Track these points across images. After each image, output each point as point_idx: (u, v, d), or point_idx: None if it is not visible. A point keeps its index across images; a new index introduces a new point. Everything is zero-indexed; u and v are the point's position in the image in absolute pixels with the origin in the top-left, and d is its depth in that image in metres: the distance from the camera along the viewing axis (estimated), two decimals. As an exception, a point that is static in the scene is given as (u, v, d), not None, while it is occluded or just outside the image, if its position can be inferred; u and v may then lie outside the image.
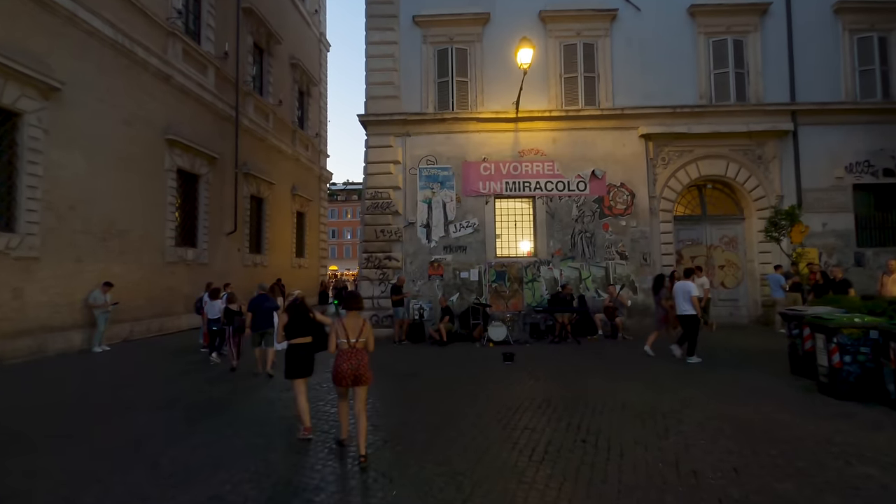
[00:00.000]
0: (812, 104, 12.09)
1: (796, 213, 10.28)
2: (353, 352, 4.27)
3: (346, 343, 4.28)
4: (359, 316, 4.50)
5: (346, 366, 4.23)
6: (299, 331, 4.93)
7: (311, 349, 4.96)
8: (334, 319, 4.63)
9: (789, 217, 10.21)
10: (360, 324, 4.41)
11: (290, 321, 4.96)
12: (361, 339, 4.34)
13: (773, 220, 10.55)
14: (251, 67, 18.64)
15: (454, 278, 11.83)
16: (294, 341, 4.93)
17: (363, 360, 4.29)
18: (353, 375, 4.23)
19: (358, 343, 4.31)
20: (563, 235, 11.97)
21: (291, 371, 4.91)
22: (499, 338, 10.32)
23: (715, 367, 7.60)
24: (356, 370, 4.23)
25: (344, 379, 4.24)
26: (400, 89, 12.23)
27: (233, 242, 17.18)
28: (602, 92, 12.25)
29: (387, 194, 11.91)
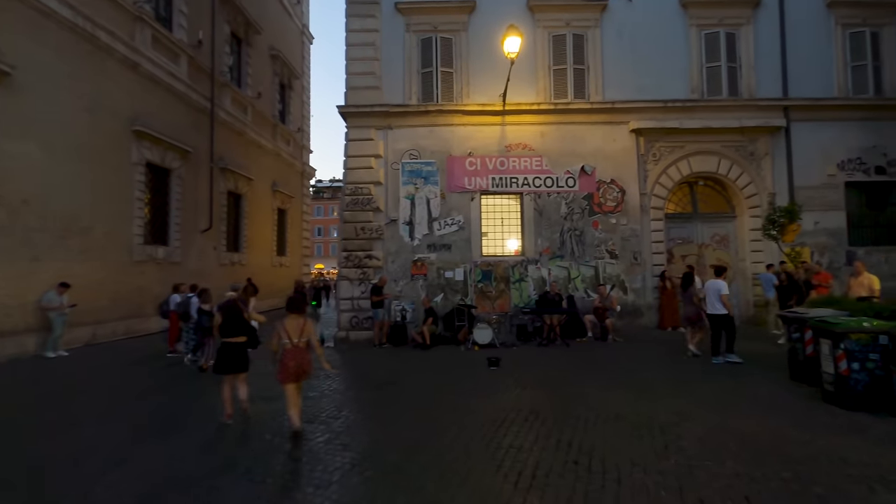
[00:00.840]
0: (804, 99, 11.82)
1: (796, 210, 9.97)
2: (297, 350, 4.73)
3: (289, 343, 4.73)
4: (300, 317, 4.89)
5: (292, 363, 4.69)
6: (232, 330, 5.27)
7: (244, 347, 5.33)
8: (277, 322, 4.92)
9: (788, 214, 9.90)
10: (302, 324, 4.82)
11: (223, 321, 5.29)
12: (304, 339, 4.79)
13: (771, 217, 10.23)
14: (228, 57, 17.86)
15: (438, 278, 11.31)
16: (227, 340, 5.26)
17: (307, 358, 4.79)
18: (297, 372, 4.73)
19: (300, 342, 4.76)
20: (551, 233, 11.53)
21: (222, 367, 5.25)
22: (484, 341, 9.84)
23: (711, 373, 7.21)
24: (300, 367, 4.74)
25: (290, 375, 4.71)
26: (381, 79, 11.65)
27: (208, 240, 16.44)
28: (592, 85, 11.82)
29: (367, 190, 11.34)
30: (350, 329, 11.00)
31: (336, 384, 7.33)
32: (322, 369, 5.36)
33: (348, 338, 10.92)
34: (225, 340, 5.29)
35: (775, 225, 10.02)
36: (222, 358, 5.27)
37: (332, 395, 6.58)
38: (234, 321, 5.30)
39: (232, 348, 5.26)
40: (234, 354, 5.25)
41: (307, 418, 5.40)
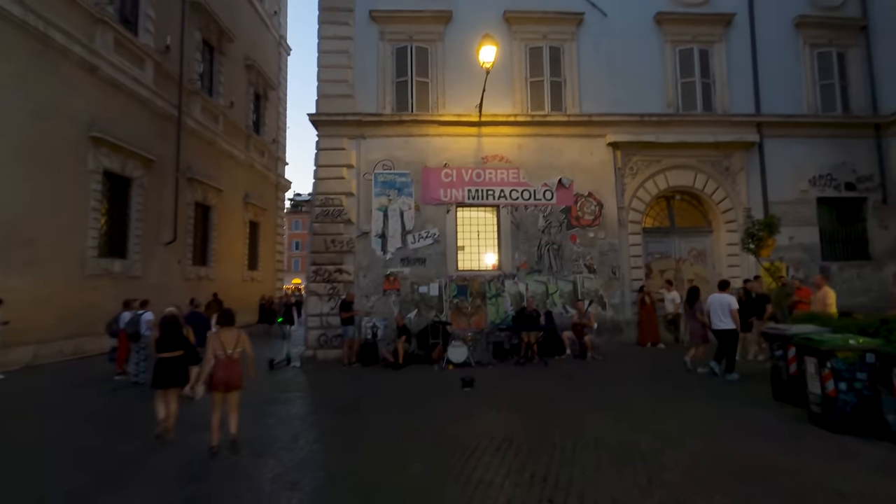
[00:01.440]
0: (776, 116, 11.96)
1: (775, 223, 9.88)
2: (228, 362, 4.81)
3: (222, 354, 4.80)
4: (233, 330, 4.99)
5: (221, 374, 4.75)
6: (169, 345, 5.32)
7: (181, 362, 5.36)
8: (210, 334, 5.09)
9: (767, 228, 9.80)
10: (236, 336, 4.93)
11: (161, 336, 5.35)
12: (238, 350, 4.89)
13: (749, 231, 10.13)
14: (198, 65, 17.29)
15: (412, 293, 10.84)
16: (164, 355, 5.28)
17: (237, 369, 4.86)
18: (225, 383, 4.77)
19: (234, 354, 4.85)
20: (528, 247, 11.23)
21: (158, 382, 5.24)
22: (459, 359, 9.38)
23: (693, 395, 6.90)
24: (228, 378, 4.78)
25: (218, 385, 4.76)
26: (355, 88, 11.30)
27: (172, 253, 15.62)
28: (569, 97, 11.72)
29: (338, 201, 10.87)
30: (318, 347, 10.39)
31: (297, 409, 6.76)
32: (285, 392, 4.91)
33: (316, 357, 10.30)
34: (161, 355, 5.31)
35: (754, 239, 9.92)
36: (159, 372, 5.28)
37: (291, 422, 6.01)
38: (171, 336, 5.39)
39: (168, 363, 5.29)
40: (170, 369, 5.27)
41: (257, 451, 4.87)
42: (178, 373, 5.33)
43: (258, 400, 7.17)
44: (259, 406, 6.73)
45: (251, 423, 5.82)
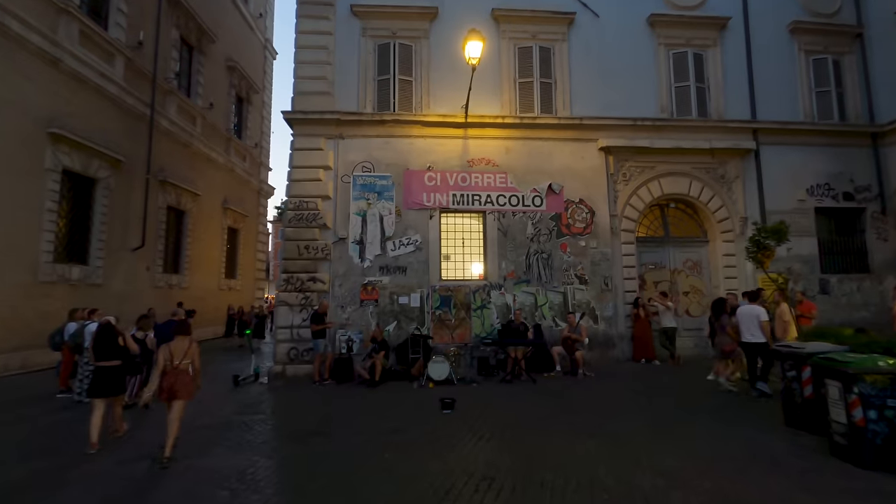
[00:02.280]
0: (773, 122, 11.56)
1: (784, 230, 9.30)
2: (175, 372, 4.82)
3: (170, 364, 4.83)
4: (185, 340, 5.00)
5: (166, 383, 4.78)
6: (106, 354, 5.31)
7: (118, 371, 5.38)
8: (163, 345, 5.02)
9: (776, 235, 9.22)
10: (186, 346, 4.95)
11: (97, 345, 5.33)
12: (186, 361, 4.89)
13: (756, 238, 9.54)
14: (175, 63, 16.54)
15: (391, 304, 10.10)
16: (100, 364, 5.29)
17: (182, 379, 4.84)
18: (169, 391, 4.77)
19: (182, 364, 4.85)
20: (516, 256, 10.59)
21: (94, 391, 5.26)
22: (440, 376, 8.64)
23: (695, 418, 6.24)
24: (172, 387, 4.77)
25: (162, 393, 4.79)
26: (334, 85, 10.66)
27: (141, 260, 14.72)
28: (559, 99, 11.20)
29: (314, 204, 10.15)
30: (288, 362, 9.58)
31: (254, 434, 5.95)
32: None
33: (285, 372, 9.49)
34: (98, 364, 5.33)
35: (760, 247, 9.33)
36: (95, 381, 5.30)
37: (243, 451, 5.21)
38: (108, 344, 5.35)
39: (105, 372, 5.29)
40: (107, 378, 5.29)
41: (188, 487, 4.07)
42: (115, 382, 5.36)
43: (213, 422, 6.39)
44: (212, 430, 5.96)
45: (198, 450, 5.05)
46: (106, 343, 5.35)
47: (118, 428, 5.55)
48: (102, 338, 5.38)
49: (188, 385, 4.87)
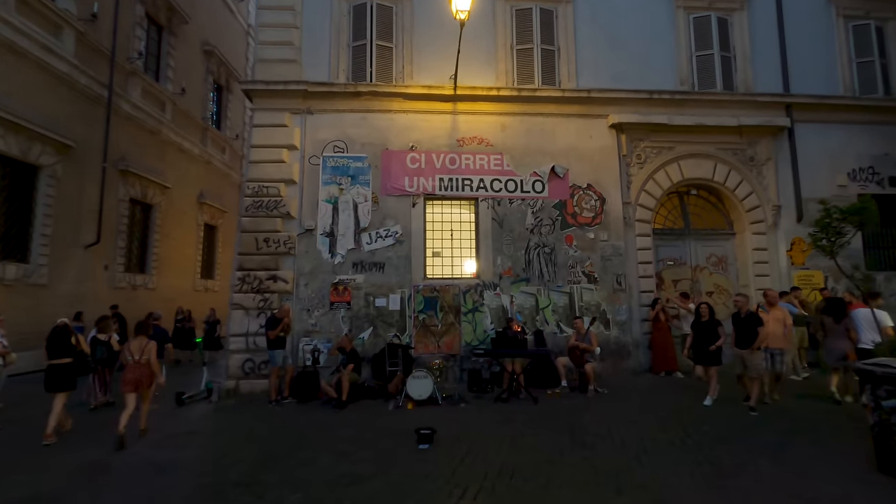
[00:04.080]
0: (809, 97, 10.05)
1: (873, 210, 7.77)
2: (137, 366, 5.73)
3: (130, 359, 5.73)
4: (143, 338, 5.87)
5: (130, 376, 5.68)
6: (58, 352, 5.81)
7: (69, 368, 5.85)
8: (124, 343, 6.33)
9: (860, 215, 7.63)
10: (143, 344, 5.81)
11: (49, 344, 5.81)
12: (144, 357, 5.77)
13: (826, 222, 7.94)
14: (139, 42, 15.04)
15: (367, 307, 8.58)
16: (52, 361, 5.79)
17: (143, 373, 5.75)
18: (134, 384, 5.67)
19: (141, 360, 5.75)
20: (514, 250, 9.07)
21: (50, 386, 5.75)
22: (422, 395, 7.11)
23: (750, 456, 4.71)
24: (137, 380, 5.69)
25: (127, 385, 5.64)
26: (301, 52, 9.15)
27: (97, 258, 13.19)
28: (563, 69, 9.68)
29: (275, 190, 8.63)
30: (242, 377, 8.05)
31: (170, 479, 4.45)
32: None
33: (239, 389, 7.96)
34: (50, 362, 5.77)
35: (829, 231, 7.75)
36: (48, 378, 5.76)
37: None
38: (60, 344, 5.82)
39: (56, 369, 5.76)
40: (59, 374, 5.75)
41: None
42: (66, 378, 5.80)
43: (132, 459, 4.94)
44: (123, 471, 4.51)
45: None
46: (59, 343, 5.83)
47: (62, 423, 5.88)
48: (55, 338, 5.84)
49: (150, 377, 5.82)
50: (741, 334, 6.64)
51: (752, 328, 6.54)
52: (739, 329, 6.68)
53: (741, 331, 6.65)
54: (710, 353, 6.89)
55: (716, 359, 6.90)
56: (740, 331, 6.66)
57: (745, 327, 6.61)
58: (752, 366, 6.49)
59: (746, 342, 6.52)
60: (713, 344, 6.86)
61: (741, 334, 6.64)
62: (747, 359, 6.52)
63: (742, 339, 6.60)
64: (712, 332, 6.96)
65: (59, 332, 5.86)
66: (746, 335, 6.56)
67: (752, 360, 6.48)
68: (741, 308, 6.77)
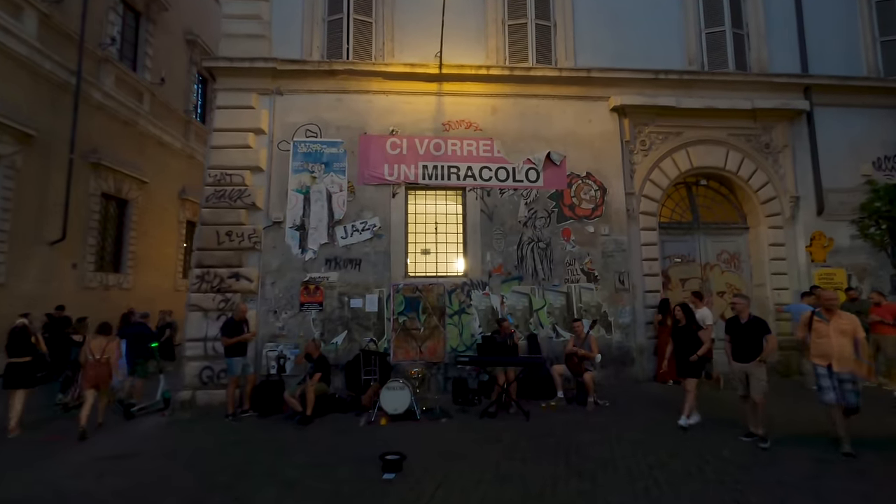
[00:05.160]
0: (830, 78, 9.17)
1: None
2: (97, 364, 6.10)
3: (91, 358, 6.10)
4: (105, 338, 6.28)
5: (91, 374, 6.08)
6: (18, 352, 6.09)
7: (28, 366, 6.13)
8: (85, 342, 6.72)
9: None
10: (104, 344, 6.21)
11: (10, 344, 6.10)
12: (105, 356, 6.16)
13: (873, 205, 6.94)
14: (111, 27, 14.21)
15: (340, 308, 7.71)
16: (12, 360, 6.07)
17: (103, 371, 6.16)
18: (94, 381, 6.07)
19: (102, 359, 6.13)
20: (505, 245, 8.20)
21: (8, 383, 6.07)
22: (398, 408, 6.24)
23: (802, 496, 3.83)
24: (97, 377, 6.09)
25: (88, 382, 6.07)
26: (271, 27, 8.30)
27: (64, 256, 12.35)
28: (560, 46, 8.82)
29: (240, 178, 7.77)
30: (200, 386, 7.18)
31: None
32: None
33: (195, 400, 7.09)
34: (10, 360, 6.08)
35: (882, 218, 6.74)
36: (8, 375, 6.10)
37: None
38: (19, 344, 6.12)
39: (17, 367, 6.07)
40: (18, 373, 6.06)
41: None
42: (25, 376, 6.08)
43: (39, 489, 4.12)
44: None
45: None
46: (18, 342, 6.10)
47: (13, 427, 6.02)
48: (15, 338, 6.11)
49: (109, 375, 6.22)
50: (742, 344, 5.31)
51: (756, 337, 5.25)
52: (739, 338, 5.35)
53: (742, 340, 5.32)
54: (688, 365, 5.77)
55: (695, 370, 5.79)
56: (741, 340, 5.33)
57: (748, 336, 5.28)
58: (757, 383, 5.17)
59: (749, 354, 5.23)
60: (693, 353, 5.74)
61: (742, 344, 5.31)
62: (752, 374, 5.20)
63: (743, 350, 5.30)
64: (692, 339, 5.85)
65: (17, 333, 6.16)
66: (749, 345, 5.25)
67: (758, 375, 5.18)
68: (741, 312, 5.39)
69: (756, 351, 5.20)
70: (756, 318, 5.37)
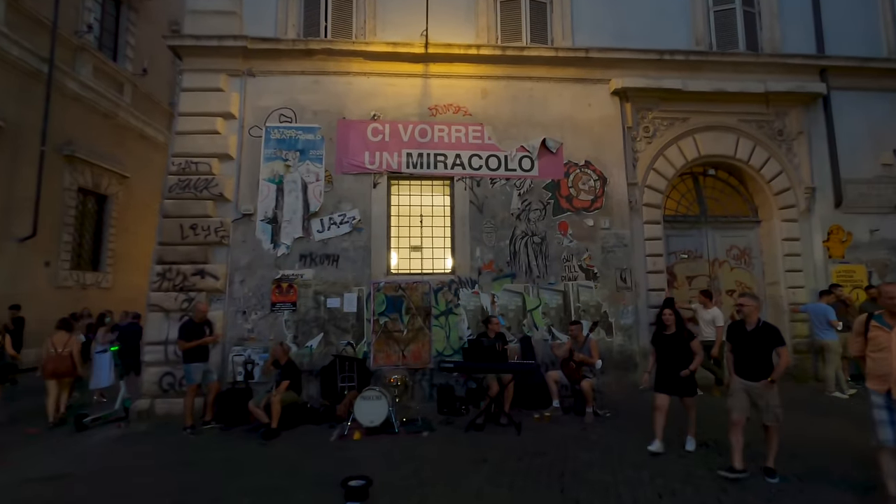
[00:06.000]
0: (847, 59, 8.50)
1: None
2: (59, 357, 6.38)
3: (53, 351, 6.37)
4: (66, 334, 6.57)
5: (51, 367, 6.35)
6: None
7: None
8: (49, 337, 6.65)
9: None
10: (66, 339, 6.50)
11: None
12: (66, 350, 6.43)
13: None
14: (88, 14, 13.58)
15: (316, 309, 7.06)
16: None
17: (65, 363, 6.40)
18: (53, 372, 6.35)
19: (63, 352, 6.40)
20: (496, 240, 7.55)
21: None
22: (374, 420, 5.59)
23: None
24: (56, 369, 6.36)
25: (48, 374, 6.35)
26: (242, 2, 7.64)
27: (36, 253, 11.73)
28: (557, 25, 8.16)
29: (206, 166, 7.12)
30: (160, 394, 6.54)
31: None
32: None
33: (154, 409, 6.44)
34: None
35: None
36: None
37: None
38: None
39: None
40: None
41: None
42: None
43: None
44: None
45: None
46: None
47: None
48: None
49: (70, 367, 6.48)
50: (747, 357, 4.23)
51: (765, 349, 4.16)
52: (744, 349, 4.26)
53: (748, 352, 4.23)
54: (679, 381, 4.81)
55: (689, 387, 4.89)
56: (746, 352, 4.24)
57: (755, 347, 4.19)
58: (768, 407, 4.11)
59: (755, 369, 4.16)
60: (685, 367, 4.81)
61: (747, 357, 4.23)
62: (759, 396, 4.13)
63: (748, 364, 4.22)
64: (683, 350, 4.87)
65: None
66: (756, 359, 4.18)
67: (769, 399, 4.11)
68: (748, 316, 4.27)
69: (764, 367, 4.13)
70: (767, 325, 4.26)
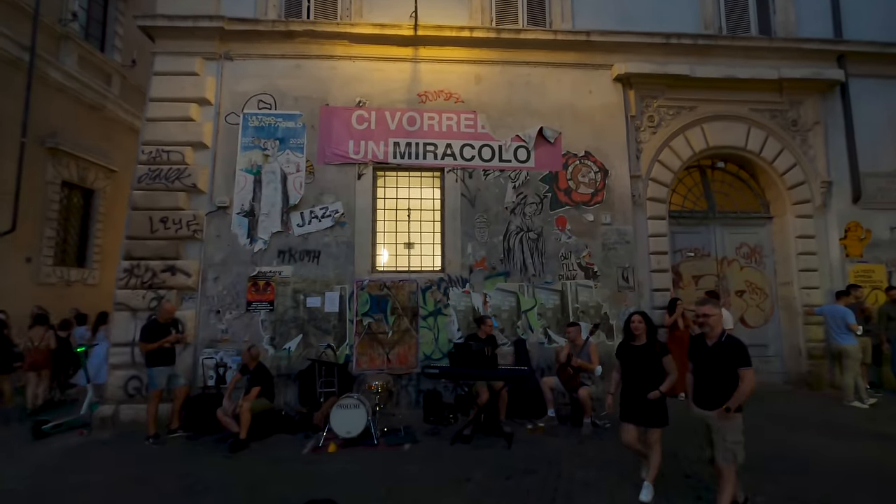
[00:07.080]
0: (866, 44, 7.96)
1: None
2: (36, 351, 6.79)
3: (31, 345, 6.80)
4: (43, 328, 6.95)
5: (30, 360, 6.77)
6: None
7: None
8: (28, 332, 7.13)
9: None
10: (42, 333, 6.88)
11: None
12: (42, 344, 6.82)
13: None
14: (73, 1, 13.13)
15: (295, 308, 6.60)
16: None
17: (42, 356, 6.82)
18: (31, 364, 6.75)
19: (40, 346, 6.81)
20: (489, 236, 7.06)
21: None
22: (351, 431, 5.11)
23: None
24: (34, 362, 6.76)
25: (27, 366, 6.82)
26: (218, -19, 7.19)
27: (16, 249, 11.29)
28: (556, 6, 7.64)
29: (179, 156, 6.66)
30: (125, 399, 6.09)
31: None
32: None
33: (119, 416, 6.00)
34: None
35: None
36: None
37: None
38: None
39: None
40: None
41: None
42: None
43: None
44: None
45: None
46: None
47: None
48: None
49: (48, 360, 6.90)
50: (707, 379, 3.40)
51: (725, 370, 3.30)
52: (704, 369, 3.43)
53: (708, 373, 3.39)
54: (647, 405, 3.75)
55: (657, 415, 3.76)
56: (706, 373, 3.41)
57: (713, 367, 3.36)
58: (721, 443, 3.28)
59: (713, 394, 3.33)
60: (654, 387, 3.74)
61: (707, 379, 3.40)
62: (715, 429, 3.33)
63: (708, 388, 3.38)
64: (653, 367, 3.83)
65: None
66: (713, 382, 3.35)
67: (726, 432, 3.27)
68: (712, 329, 3.39)
69: (725, 392, 3.25)
70: (731, 340, 3.36)
